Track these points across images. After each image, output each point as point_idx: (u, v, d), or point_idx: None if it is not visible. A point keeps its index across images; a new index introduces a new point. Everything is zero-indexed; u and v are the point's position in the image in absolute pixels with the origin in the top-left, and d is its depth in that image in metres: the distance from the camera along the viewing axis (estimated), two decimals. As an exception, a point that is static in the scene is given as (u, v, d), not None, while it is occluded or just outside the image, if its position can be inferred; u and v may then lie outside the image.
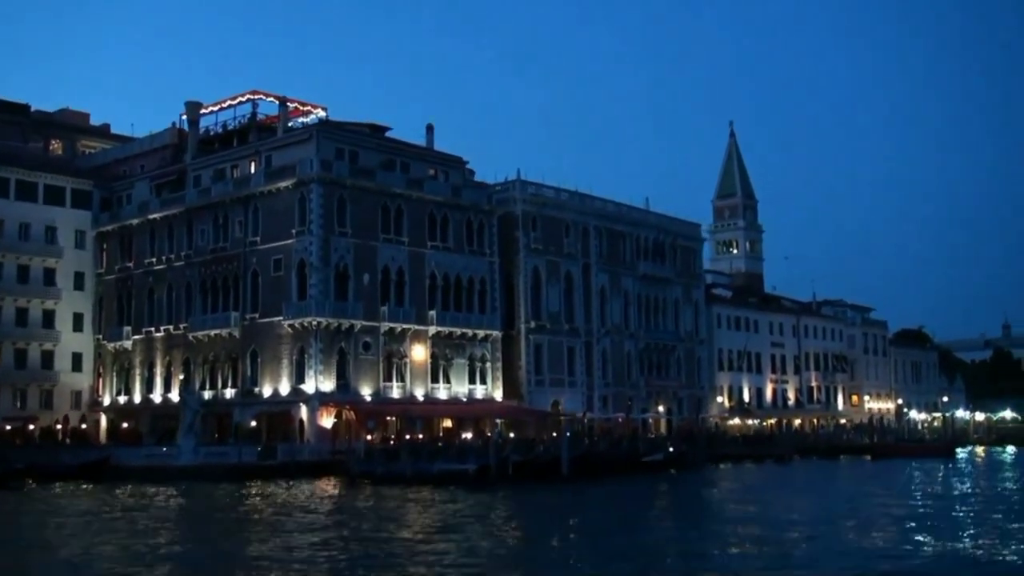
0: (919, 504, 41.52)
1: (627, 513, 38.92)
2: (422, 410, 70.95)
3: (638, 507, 41.73)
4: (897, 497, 44.87)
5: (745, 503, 43.23)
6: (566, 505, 43.01)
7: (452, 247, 75.10)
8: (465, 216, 76.40)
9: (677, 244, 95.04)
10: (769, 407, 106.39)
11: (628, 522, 35.31)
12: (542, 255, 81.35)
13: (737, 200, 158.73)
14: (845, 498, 45.33)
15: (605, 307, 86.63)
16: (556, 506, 42.67)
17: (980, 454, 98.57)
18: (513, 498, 44.89)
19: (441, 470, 52.02)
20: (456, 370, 74.65)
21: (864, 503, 42.08)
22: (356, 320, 68.11)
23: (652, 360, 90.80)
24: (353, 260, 69.14)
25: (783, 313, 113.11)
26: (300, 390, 67.18)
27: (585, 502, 44.13)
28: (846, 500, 44.03)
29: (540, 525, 35.07)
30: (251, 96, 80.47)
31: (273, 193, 70.29)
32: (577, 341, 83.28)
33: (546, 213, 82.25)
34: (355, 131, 74.96)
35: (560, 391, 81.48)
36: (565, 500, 45.10)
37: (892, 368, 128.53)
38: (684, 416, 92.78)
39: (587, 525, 34.87)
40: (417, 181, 73.95)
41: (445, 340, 73.69)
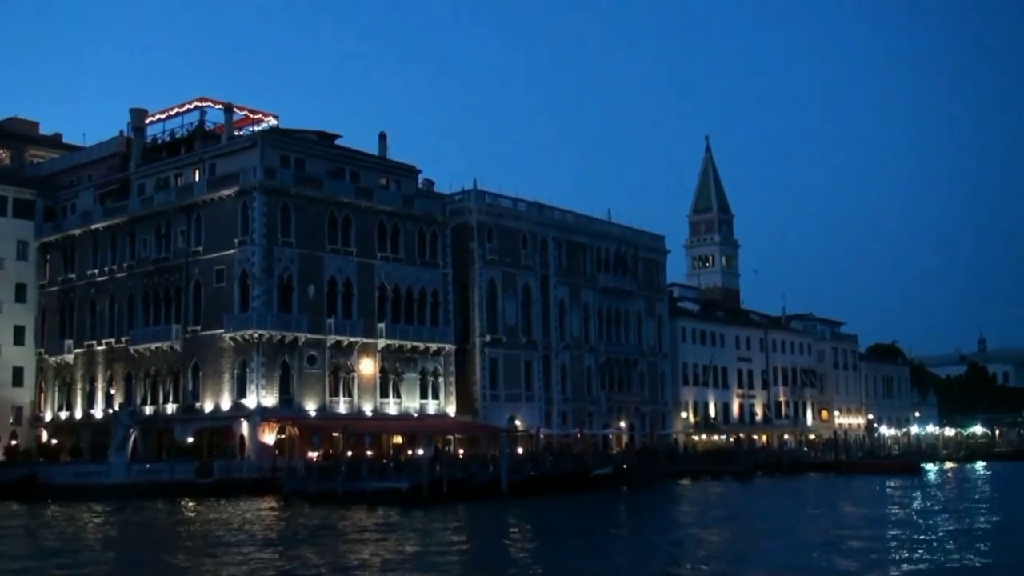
0: (846, 528, 38.72)
1: (539, 536, 36.36)
2: (370, 426, 68.52)
3: (558, 528, 39.15)
4: (833, 519, 42.36)
5: (666, 527, 40.19)
6: (483, 525, 40.47)
7: (403, 258, 72.89)
8: (417, 226, 74.21)
9: (639, 256, 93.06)
10: (736, 422, 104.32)
11: (530, 546, 32.87)
12: (498, 267, 79.21)
13: (713, 215, 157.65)
14: (777, 520, 42.61)
15: (564, 320, 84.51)
16: (471, 526, 40.07)
17: (949, 470, 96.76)
18: (432, 518, 42.28)
19: (374, 489, 49.65)
20: (407, 385, 72.32)
21: (791, 528, 39.39)
22: (300, 333, 65.74)
23: (613, 375, 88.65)
24: (298, 271, 66.83)
25: (751, 327, 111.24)
26: (241, 405, 64.71)
27: (506, 521, 41.65)
28: (776, 523, 41.31)
29: (421, 548, 32.39)
30: (198, 104, 78.14)
31: (216, 202, 67.97)
32: (535, 355, 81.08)
33: (503, 224, 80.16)
34: (302, 139, 72.76)
35: (517, 406, 79.21)
36: (485, 520, 42.54)
37: (863, 383, 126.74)
38: (646, 432, 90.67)
39: (478, 549, 32.38)
40: (366, 190, 71.77)
41: (395, 354, 71.38)
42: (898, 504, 49.80)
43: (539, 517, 43.53)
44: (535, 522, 41.56)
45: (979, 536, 35.10)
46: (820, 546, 31.96)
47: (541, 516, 44.05)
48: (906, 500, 52.58)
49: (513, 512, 45.17)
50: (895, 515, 43.67)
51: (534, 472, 56.19)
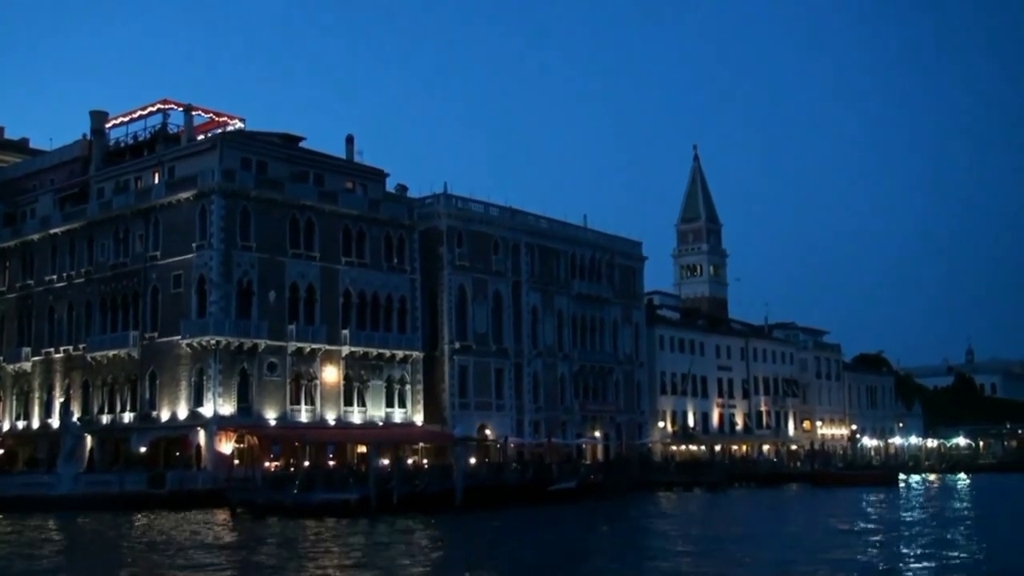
0: (786, 545, 36.37)
1: (448, 551, 34.18)
2: (333, 435, 66.48)
3: (479, 543, 36.88)
4: (782, 535, 40.17)
5: (588, 548, 37.84)
6: (408, 538, 38.23)
7: (369, 263, 70.99)
8: (384, 231, 72.34)
9: (615, 263, 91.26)
10: (716, 432, 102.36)
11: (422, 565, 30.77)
12: (468, 272, 77.34)
13: (701, 224, 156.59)
14: (721, 536, 40.17)
15: (537, 327, 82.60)
16: (394, 540, 37.72)
17: (931, 481, 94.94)
18: (370, 531, 40.13)
19: (323, 501, 47.62)
20: (372, 393, 70.34)
21: (736, 542, 37.21)
22: (260, 339, 63.74)
23: (588, 383, 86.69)
24: (258, 276, 64.89)
25: (732, 336, 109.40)
26: (198, 414, 62.68)
27: (435, 535, 39.50)
28: (717, 540, 38.87)
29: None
30: (161, 106, 76.25)
31: (174, 205, 66.08)
32: (506, 363, 79.13)
33: (473, 229, 78.31)
34: (265, 141, 70.88)
35: (487, 415, 77.22)
36: (414, 533, 40.28)
37: (846, 393, 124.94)
38: (621, 442, 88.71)
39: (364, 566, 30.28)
40: (330, 193, 69.91)
41: (360, 361, 69.42)
42: (861, 518, 47.50)
43: (474, 530, 41.37)
44: (464, 536, 39.23)
45: (921, 553, 33.01)
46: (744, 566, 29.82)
47: (476, 529, 41.88)
48: (871, 514, 50.33)
49: (453, 525, 43.20)
50: (850, 530, 41.52)
51: (492, 483, 54.07)
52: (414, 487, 49.91)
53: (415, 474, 54.16)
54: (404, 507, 47.32)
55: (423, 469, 64.50)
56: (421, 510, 47.72)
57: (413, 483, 50.76)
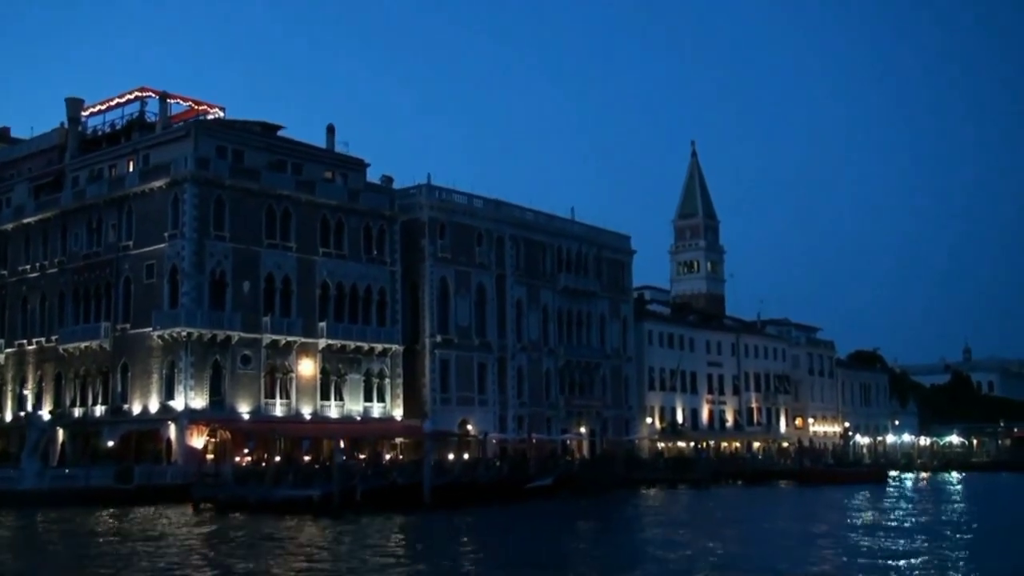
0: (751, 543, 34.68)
1: (390, 555, 32.67)
2: (309, 430, 64.97)
3: (430, 545, 35.26)
4: (749, 534, 38.60)
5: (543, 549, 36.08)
6: (358, 538, 36.67)
7: (348, 254, 69.49)
8: (363, 221, 70.81)
9: (603, 256, 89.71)
10: (705, 429, 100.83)
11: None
12: (451, 265, 75.80)
13: (699, 220, 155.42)
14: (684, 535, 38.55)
15: (521, 321, 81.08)
16: (340, 540, 36.18)
17: (923, 480, 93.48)
18: (327, 529, 38.51)
19: (286, 497, 46.14)
20: (350, 387, 68.86)
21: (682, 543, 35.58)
22: (233, 331, 62.24)
23: (574, 378, 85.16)
24: (232, 266, 63.39)
25: (723, 331, 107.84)
26: (169, 407, 61.21)
27: (389, 536, 37.91)
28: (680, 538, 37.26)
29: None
30: (139, 94, 74.77)
31: (147, 194, 64.61)
32: (489, 357, 77.62)
33: (456, 220, 76.79)
34: (241, 129, 69.33)
35: (469, 410, 75.74)
36: (371, 532, 38.72)
37: (839, 390, 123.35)
38: (608, 437, 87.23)
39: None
40: (308, 183, 68.38)
41: (337, 354, 67.93)
42: (843, 516, 45.82)
43: (431, 530, 39.80)
44: (418, 535, 37.57)
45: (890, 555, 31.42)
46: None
47: (435, 529, 40.30)
48: (854, 512, 48.68)
49: (415, 524, 41.70)
50: (823, 529, 39.92)
51: (464, 480, 52.58)
52: (381, 484, 48.31)
53: (385, 470, 52.51)
54: (370, 504, 45.76)
55: (388, 464, 63.21)
56: (388, 507, 46.21)
57: (382, 480, 49.17)
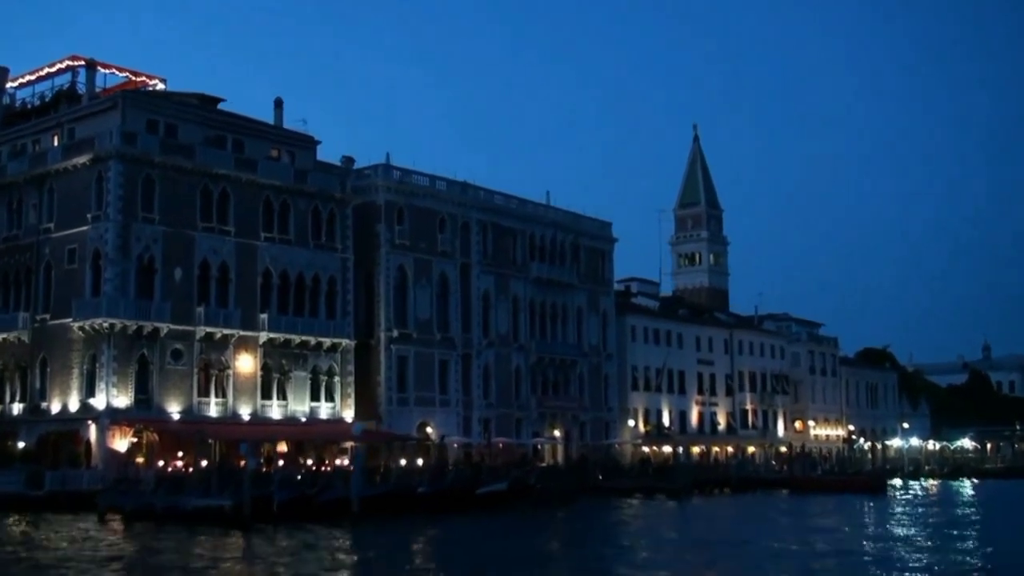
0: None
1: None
2: (247, 432, 62.59)
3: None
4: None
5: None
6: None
7: (293, 239, 67.05)
8: (312, 204, 68.36)
9: (580, 244, 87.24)
10: (695, 432, 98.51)
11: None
12: (410, 252, 73.36)
13: (701, 210, 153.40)
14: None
15: (489, 314, 78.68)
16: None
17: (929, 487, 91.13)
18: (219, 543, 36.00)
19: (195, 506, 43.80)
20: (295, 385, 66.48)
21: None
22: (163, 323, 59.80)
23: (547, 377, 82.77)
24: (162, 251, 60.93)
25: (715, 327, 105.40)
26: (90, 406, 58.79)
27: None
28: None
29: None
30: (70, 63, 72.27)
31: (69, 171, 62.13)
32: (452, 353, 75.21)
33: (416, 204, 74.32)
34: (177, 102, 66.84)
35: (429, 411, 73.37)
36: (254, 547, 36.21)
37: (843, 390, 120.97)
38: (585, 442, 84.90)
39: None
40: (249, 161, 65.88)
41: (280, 349, 65.53)
42: (814, 536, 43.07)
43: (333, 546, 37.36)
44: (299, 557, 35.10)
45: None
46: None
47: (336, 545, 37.85)
48: (830, 531, 45.95)
49: (326, 537, 39.25)
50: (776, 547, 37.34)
51: (401, 488, 50.21)
52: (303, 492, 45.92)
53: (311, 477, 50.05)
54: (289, 515, 43.35)
55: (337, 471, 60.97)
56: (311, 518, 43.84)
57: (310, 487, 46.79)
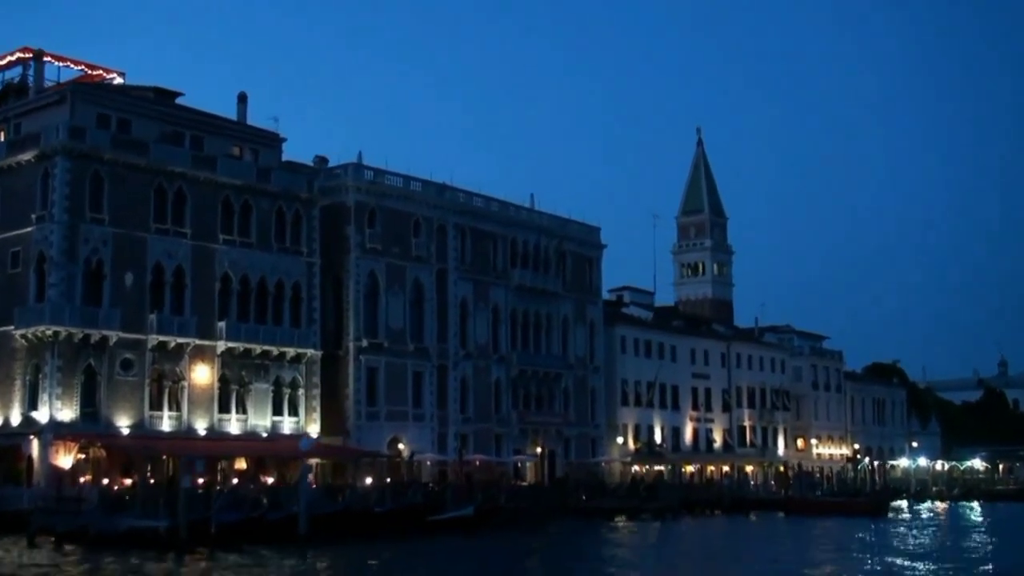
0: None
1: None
2: (203, 448, 60.77)
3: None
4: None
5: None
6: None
7: (255, 242, 65.21)
8: (275, 205, 66.54)
9: (566, 250, 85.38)
10: (689, 450, 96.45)
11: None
12: (382, 257, 71.53)
13: (704, 217, 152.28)
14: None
15: (467, 324, 76.80)
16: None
17: (939, 511, 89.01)
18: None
19: (129, 528, 41.85)
20: (255, 398, 64.56)
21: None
22: (111, 331, 57.85)
23: (529, 391, 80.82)
24: (112, 254, 59.04)
25: (711, 339, 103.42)
26: (32, 419, 56.86)
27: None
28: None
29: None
30: (20, 55, 70.55)
31: (14, 168, 60.36)
32: (426, 365, 73.29)
33: (389, 206, 72.53)
34: (131, 96, 65.17)
35: (402, 427, 71.42)
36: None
37: (848, 407, 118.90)
38: (570, 460, 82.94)
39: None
40: (208, 159, 64.08)
41: (240, 359, 63.60)
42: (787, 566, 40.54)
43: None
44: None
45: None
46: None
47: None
48: (809, 560, 43.60)
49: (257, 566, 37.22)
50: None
51: (359, 509, 48.23)
52: (250, 513, 43.96)
53: (257, 496, 48.03)
54: (236, 537, 41.37)
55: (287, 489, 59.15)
56: (258, 541, 41.88)
57: (257, 507, 44.85)
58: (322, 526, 44.58)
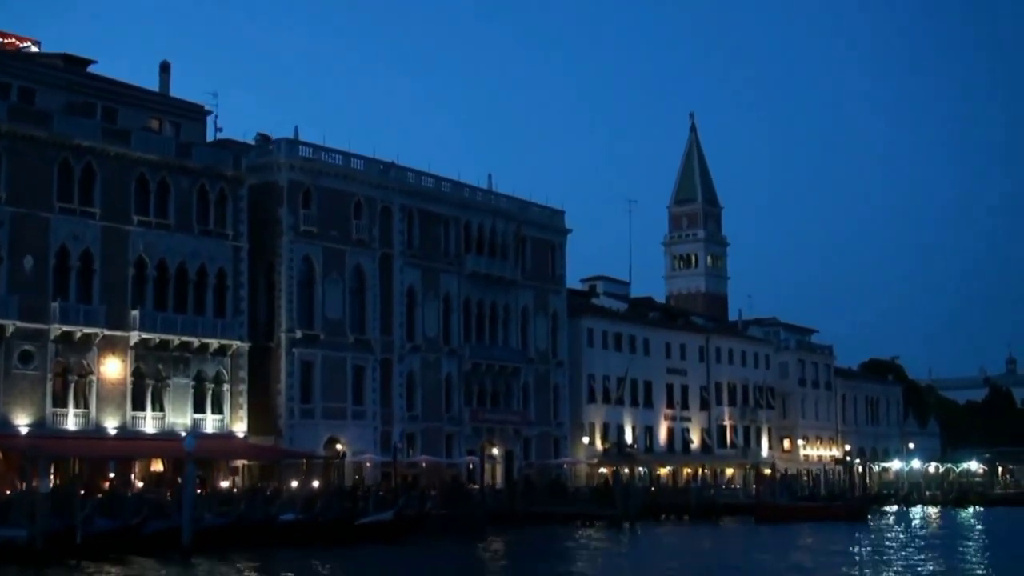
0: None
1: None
2: (114, 448, 57.80)
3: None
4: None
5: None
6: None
7: (174, 224, 61.91)
8: (197, 183, 63.25)
9: (525, 236, 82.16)
10: (663, 451, 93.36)
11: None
12: (318, 240, 68.35)
13: (697, 206, 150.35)
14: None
15: (414, 314, 73.65)
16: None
17: (932, 516, 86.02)
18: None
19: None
20: (174, 394, 61.32)
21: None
22: (8, 320, 54.58)
23: (484, 387, 77.69)
24: (9, 236, 55.68)
25: (688, 332, 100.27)
26: (-83, 418, 53.76)
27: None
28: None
29: None
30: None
31: (-97, 143, 57.12)
32: (368, 359, 70.13)
33: (326, 185, 69.30)
34: (36, 63, 61.98)
35: (340, 426, 68.30)
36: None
37: (839, 406, 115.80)
38: (530, 461, 79.90)
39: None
40: (120, 132, 60.81)
41: (157, 352, 60.39)
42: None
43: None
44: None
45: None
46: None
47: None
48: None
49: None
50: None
51: (258, 518, 45.05)
52: (125, 521, 40.79)
53: (137, 502, 44.84)
54: (105, 548, 38.19)
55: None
56: (134, 552, 38.73)
57: (134, 514, 41.67)
58: (216, 536, 41.43)
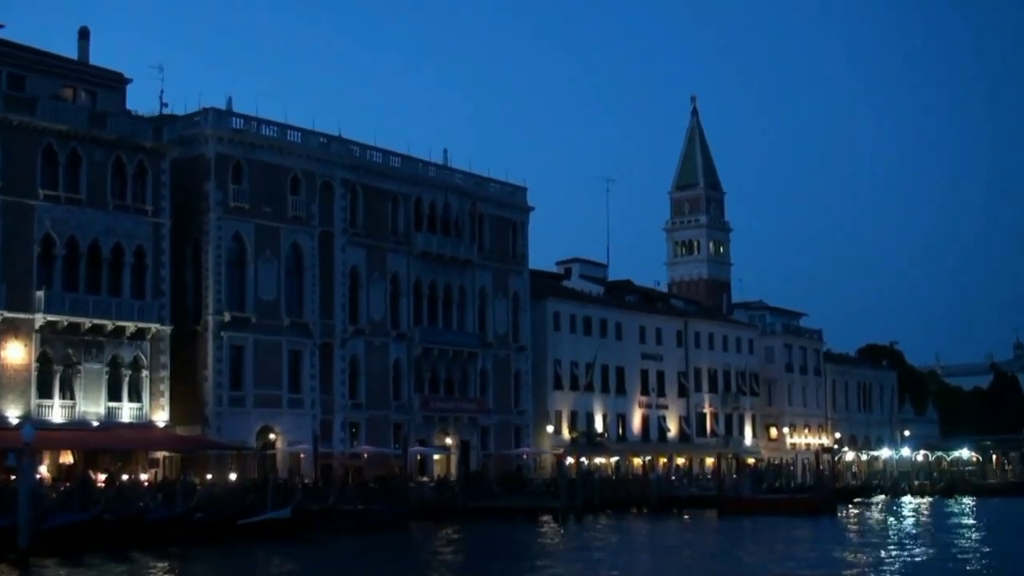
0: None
1: None
2: (16, 439, 53.26)
3: None
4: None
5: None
6: None
7: (85, 199, 57.47)
8: (111, 155, 58.73)
9: (482, 212, 77.41)
10: (637, 440, 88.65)
11: None
12: (250, 217, 63.87)
13: (699, 191, 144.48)
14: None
15: (358, 295, 69.15)
16: None
17: (922, 507, 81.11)
18: None
19: None
20: (86, 381, 56.94)
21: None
22: None
23: (437, 373, 73.12)
24: None
25: (664, 315, 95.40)
26: None
27: None
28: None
29: None
30: None
31: None
32: (306, 343, 65.63)
33: (259, 159, 64.77)
34: (-65, 26, 57.55)
35: (274, 415, 63.88)
36: None
37: (828, 392, 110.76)
38: (489, 452, 75.33)
39: None
40: (26, 100, 56.38)
41: (65, 335, 56.00)
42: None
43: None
44: None
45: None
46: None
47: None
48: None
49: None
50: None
51: (125, 515, 40.60)
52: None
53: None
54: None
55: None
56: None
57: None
58: (74, 536, 37.05)
